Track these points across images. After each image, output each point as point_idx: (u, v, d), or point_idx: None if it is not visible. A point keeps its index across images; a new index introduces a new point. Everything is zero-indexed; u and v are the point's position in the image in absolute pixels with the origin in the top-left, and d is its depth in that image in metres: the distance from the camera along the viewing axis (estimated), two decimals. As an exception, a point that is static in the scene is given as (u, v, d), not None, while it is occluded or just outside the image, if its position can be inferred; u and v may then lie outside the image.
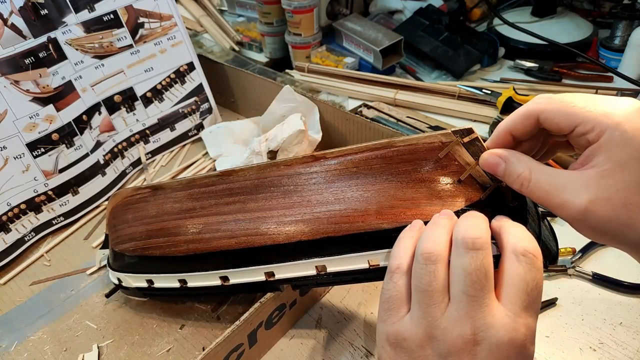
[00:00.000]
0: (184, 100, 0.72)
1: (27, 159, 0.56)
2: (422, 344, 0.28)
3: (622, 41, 0.81)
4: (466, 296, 0.27)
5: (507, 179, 0.30)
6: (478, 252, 0.27)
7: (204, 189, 0.41)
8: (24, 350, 0.47)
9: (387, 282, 0.30)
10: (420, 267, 0.29)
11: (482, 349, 0.27)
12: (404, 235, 0.32)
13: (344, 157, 0.36)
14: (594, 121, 0.27)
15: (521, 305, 0.27)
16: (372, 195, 0.34)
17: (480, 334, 0.27)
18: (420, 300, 0.28)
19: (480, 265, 0.27)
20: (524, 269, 0.27)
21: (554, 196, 0.28)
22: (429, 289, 0.28)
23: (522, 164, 0.30)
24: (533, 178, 0.29)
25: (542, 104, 0.30)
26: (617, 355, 0.43)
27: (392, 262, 0.31)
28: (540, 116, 0.30)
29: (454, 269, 0.28)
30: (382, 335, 0.30)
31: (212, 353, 0.38)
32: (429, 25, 0.89)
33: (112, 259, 0.47)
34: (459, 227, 0.29)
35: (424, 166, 0.34)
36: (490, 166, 0.31)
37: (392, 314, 0.30)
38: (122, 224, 0.46)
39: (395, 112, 0.75)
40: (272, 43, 0.93)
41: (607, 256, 0.52)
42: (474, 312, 0.27)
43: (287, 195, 0.37)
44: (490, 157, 0.31)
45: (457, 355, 0.27)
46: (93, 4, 0.61)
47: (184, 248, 0.40)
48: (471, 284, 0.27)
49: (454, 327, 0.27)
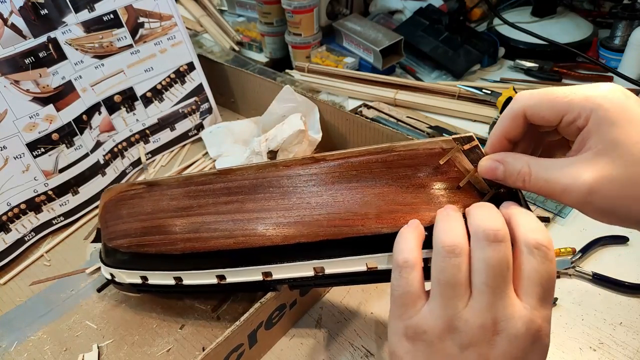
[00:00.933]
0: (184, 100, 0.72)
1: (27, 159, 0.56)
2: (442, 335, 0.28)
3: (622, 41, 0.81)
4: (488, 287, 0.27)
5: (508, 179, 0.30)
6: (500, 245, 0.28)
7: (202, 187, 0.41)
8: (24, 350, 0.47)
9: (397, 279, 0.30)
10: (442, 260, 0.28)
11: (501, 339, 0.27)
12: (405, 230, 0.32)
13: (344, 159, 0.36)
14: (578, 107, 0.28)
15: (537, 297, 0.28)
16: (371, 199, 0.34)
17: (500, 324, 0.27)
18: (442, 292, 0.28)
19: (502, 257, 0.28)
20: (538, 262, 0.28)
21: (556, 183, 0.28)
22: (452, 281, 0.28)
23: (519, 160, 0.30)
24: (532, 171, 0.29)
25: (525, 101, 0.30)
26: (617, 355, 0.43)
27: (398, 258, 0.30)
28: (527, 112, 0.30)
29: (476, 261, 0.28)
30: (398, 331, 0.30)
31: (212, 353, 0.38)
32: (429, 25, 0.89)
33: (105, 255, 0.47)
34: (477, 219, 0.29)
35: (424, 172, 0.34)
36: (489, 171, 0.31)
37: (408, 309, 0.30)
38: (115, 220, 0.45)
39: (395, 112, 0.75)
40: (272, 43, 0.93)
41: (607, 256, 0.52)
42: (495, 303, 0.27)
43: (286, 196, 0.37)
44: (487, 162, 0.32)
45: (477, 345, 0.28)
46: (93, 4, 0.61)
47: (180, 246, 0.40)
48: (493, 276, 0.27)
49: (476, 318, 0.28)
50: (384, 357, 0.44)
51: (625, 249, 0.53)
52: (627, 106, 0.27)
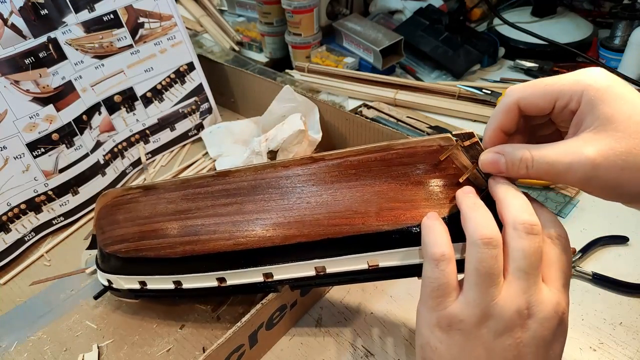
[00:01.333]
0: (184, 100, 0.72)
1: (27, 159, 0.56)
2: (478, 324, 0.29)
3: (622, 41, 0.81)
4: (524, 274, 0.29)
5: (511, 169, 0.31)
6: (537, 236, 0.29)
7: (200, 190, 0.41)
8: (24, 350, 0.47)
9: (433, 271, 0.30)
10: (480, 251, 0.29)
11: (533, 322, 0.29)
12: (433, 223, 0.32)
13: (342, 159, 0.36)
14: (569, 91, 0.29)
15: (560, 282, 0.30)
16: (371, 197, 0.34)
17: (532, 308, 0.29)
18: (478, 282, 0.29)
19: (537, 247, 0.29)
20: (559, 251, 0.30)
21: (559, 163, 0.29)
22: (491, 271, 0.29)
23: (519, 148, 0.31)
24: (534, 156, 0.30)
25: (517, 93, 0.31)
26: (617, 355, 0.43)
27: (434, 251, 0.30)
28: (520, 104, 0.31)
29: (513, 249, 0.29)
30: (432, 322, 0.31)
31: (213, 354, 0.38)
32: (429, 25, 0.89)
33: (102, 261, 0.46)
34: (514, 210, 0.30)
35: (422, 169, 0.34)
36: (491, 164, 0.32)
37: (444, 300, 0.30)
38: (112, 225, 0.45)
39: (395, 112, 0.75)
40: (272, 43, 0.93)
41: (607, 256, 0.52)
42: (528, 289, 0.29)
43: (285, 196, 0.37)
44: (488, 156, 0.32)
45: (511, 330, 0.29)
46: (93, 4, 0.61)
47: (180, 249, 0.40)
48: (530, 264, 0.29)
49: (512, 304, 0.29)
50: (384, 357, 0.44)
51: (625, 249, 0.53)
52: (613, 84, 0.29)
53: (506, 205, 0.31)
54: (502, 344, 0.29)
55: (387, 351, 0.45)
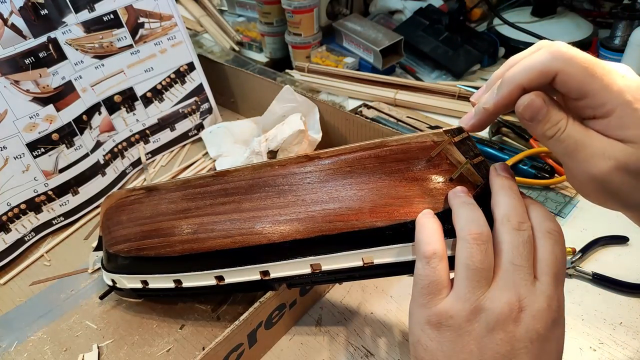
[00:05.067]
0: (184, 100, 0.72)
1: (27, 159, 0.56)
2: (469, 318, 0.29)
3: (622, 41, 0.81)
4: (514, 266, 0.29)
5: (544, 124, 0.29)
6: (525, 231, 0.30)
7: (199, 190, 0.41)
8: (24, 350, 0.47)
9: (424, 268, 0.31)
10: (470, 247, 0.29)
11: (525, 315, 0.28)
12: (427, 221, 0.32)
13: (337, 156, 0.36)
14: (606, 98, 0.28)
15: (553, 276, 0.29)
16: (365, 194, 0.35)
17: (524, 300, 0.28)
18: (468, 276, 0.29)
19: (527, 240, 0.29)
20: (551, 245, 0.30)
21: (588, 146, 0.28)
22: (480, 266, 0.29)
23: (561, 111, 0.29)
24: (568, 126, 0.29)
25: (562, 65, 0.28)
26: (617, 355, 0.43)
27: (426, 248, 0.31)
28: (557, 77, 0.28)
29: (502, 243, 0.30)
30: (422, 319, 0.31)
31: (212, 353, 0.38)
32: (429, 25, 0.89)
33: (107, 261, 0.47)
34: (503, 205, 0.30)
35: (416, 165, 0.34)
36: (531, 106, 0.29)
37: (434, 297, 0.30)
38: (116, 226, 0.45)
39: (395, 112, 0.75)
40: (272, 43, 0.93)
41: (607, 256, 0.52)
42: (519, 280, 0.29)
43: (281, 194, 0.38)
44: (532, 97, 0.29)
45: (503, 323, 0.28)
46: (93, 4, 0.61)
47: (179, 248, 0.41)
48: (519, 255, 0.29)
49: (502, 296, 0.29)
50: (384, 357, 0.44)
51: (625, 249, 0.53)
52: None
53: (497, 201, 0.31)
54: (494, 338, 0.28)
55: (387, 351, 0.45)
